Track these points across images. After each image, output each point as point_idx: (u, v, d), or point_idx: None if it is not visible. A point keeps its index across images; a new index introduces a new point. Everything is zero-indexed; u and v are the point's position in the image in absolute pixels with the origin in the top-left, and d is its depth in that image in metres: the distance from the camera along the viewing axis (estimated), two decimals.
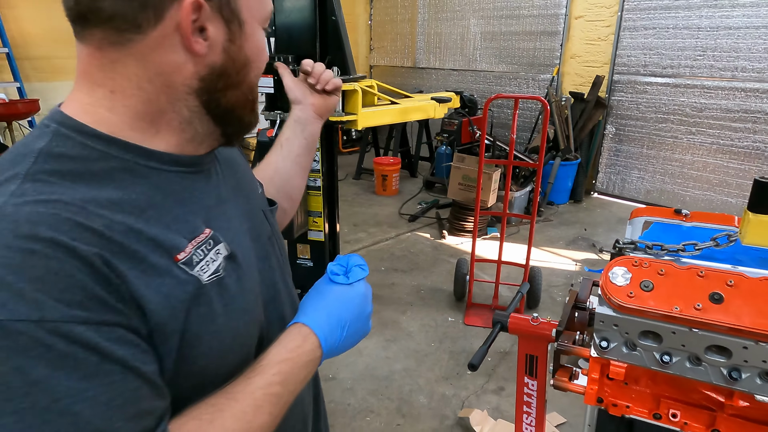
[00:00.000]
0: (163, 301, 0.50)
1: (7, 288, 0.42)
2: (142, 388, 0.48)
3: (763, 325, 0.81)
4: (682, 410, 1.00)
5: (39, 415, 0.42)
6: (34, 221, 0.45)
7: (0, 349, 0.41)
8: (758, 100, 4.39)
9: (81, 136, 0.53)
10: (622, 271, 0.93)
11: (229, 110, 0.60)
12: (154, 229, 0.52)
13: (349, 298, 0.69)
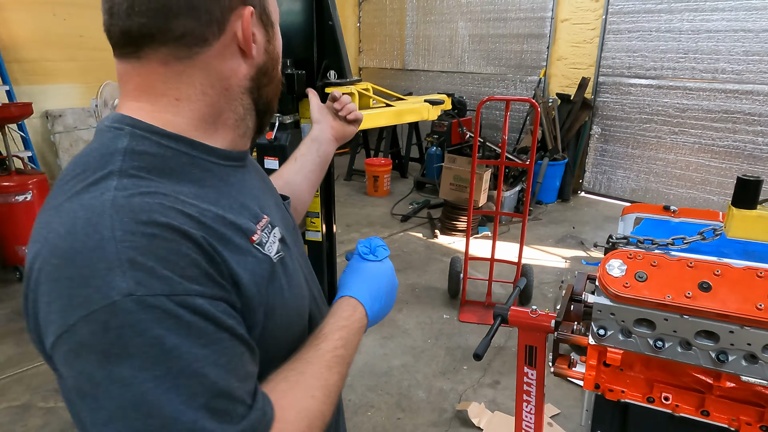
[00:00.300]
0: (250, 277, 0.57)
1: (140, 267, 0.47)
2: (245, 354, 0.54)
3: (747, 310, 0.88)
4: (673, 393, 1.07)
5: (174, 379, 0.47)
6: (147, 210, 0.50)
7: (140, 322, 0.46)
8: (738, 101, 4.53)
9: (155, 136, 0.58)
10: (618, 263, 1.00)
11: (268, 102, 0.68)
12: (230, 215, 0.58)
13: (382, 273, 0.78)
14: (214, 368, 0.49)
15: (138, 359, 0.46)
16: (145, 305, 0.46)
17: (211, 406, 0.48)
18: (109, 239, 0.47)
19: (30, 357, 2.66)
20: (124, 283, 0.46)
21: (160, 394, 0.46)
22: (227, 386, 0.50)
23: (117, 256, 0.47)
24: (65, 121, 5.24)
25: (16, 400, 2.33)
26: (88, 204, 0.50)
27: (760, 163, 4.53)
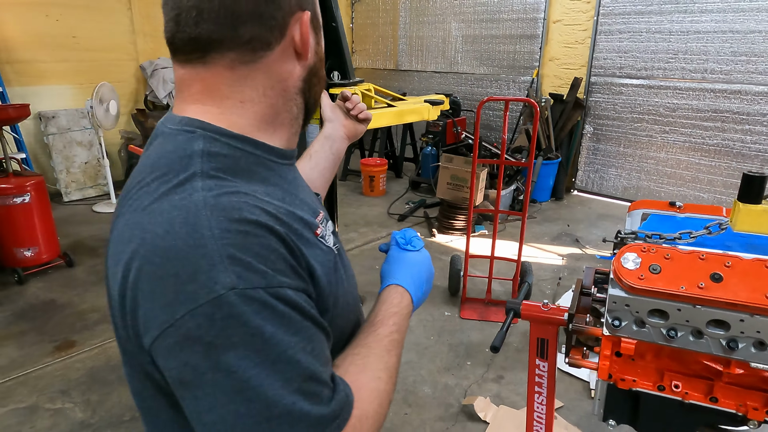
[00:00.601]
0: (321, 269, 0.60)
1: (239, 263, 0.50)
2: (325, 341, 0.58)
3: (757, 299, 0.93)
4: (683, 381, 1.11)
5: (272, 365, 0.50)
6: (237, 208, 0.53)
7: (243, 314, 0.49)
8: (726, 101, 4.63)
9: (225, 137, 0.61)
10: (633, 256, 1.05)
11: (315, 101, 0.71)
12: (298, 211, 0.62)
13: (421, 261, 0.83)
14: (304, 354, 0.53)
15: (241, 348, 0.49)
16: (247, 298, 0.49)
17: (304, 389, 0.51)
18: (209, 237, 0.50)
19: (33, 359, 2.65)
20: (227, 278, 0.49)
21: (262, 379, 0.49)
22: (315, 370, 0.53)
23: (218, 253, 0.50)
24: (58, 122, 5.20)
25: (23, 402, 2.32)
26: (180, 204, 0.53)
27: (748, 160, 4.63)
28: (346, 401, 0.56)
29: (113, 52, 5.60)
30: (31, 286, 3.46)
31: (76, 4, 5.21)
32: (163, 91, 5.59)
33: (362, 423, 0.58)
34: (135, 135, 5.64)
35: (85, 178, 5.47)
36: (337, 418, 0.54)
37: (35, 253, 3.52)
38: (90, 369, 2.56)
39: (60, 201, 5.20)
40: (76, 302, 3.26)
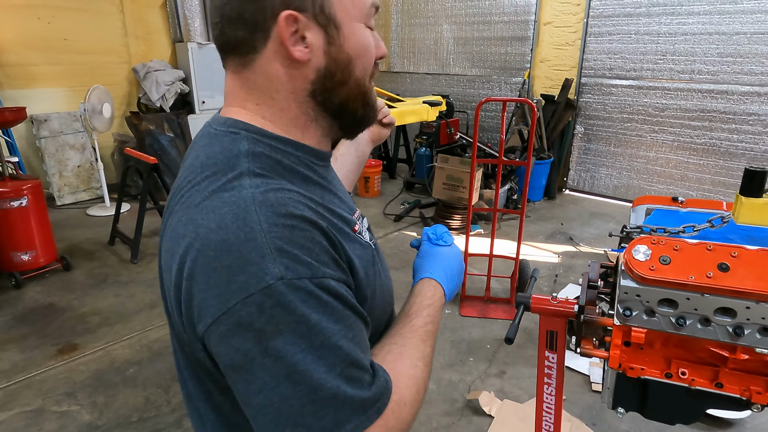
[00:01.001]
0: (359, 262, 0.64)
1: (287, 255, 0.53)
2: (363, 330, 0.60)
3: (762, 287, 0.98)
4: (689, 368, 1.16)
5: (317, 351, 0.53)
6: (283, 204, 0.56)
7: (290, 302, 0.52)
8: (713, 101, 4.74)
9: (266, 138, 0.64)
10: (644, 248, 1.09)
11: (342, 106, 0.67)
12: (337, 208, 0.65)
13: (452, 256, 0.87)
14: (346, 341, 0.56)
15: (288, 335, 0.52)
16: (294, 287, 0.53)
17: (346, 374, 0.54)
18: (258, 231, 0.53)
19: (36, 362, 2.65)
20: (276, 269, 0.52)
21: (308, 364, 0.52)
22: (357, 357, 0.56)
23: (267, 245, 0.53)
24: (51, 125, 5.16)
25: (29, 405, 2.32)
26: (230, 201, 0.56)
27: (735, 159, 4.74)
28: (385, 386, 0.58)
29: (105, 55, 5.57)
30: (29, 290, 3.44)
31: (68, 7, 5.18)
32: (156, 93, 5.57)
33: (401, 408, 0.60)
34: (128, 138, 5.61)
35: (78, 182, 5.43)
36: (378, 402, 0.56)
37: (32, 257, 3.50)
38: (95, 371, 2.57)
39: (53, 205, 5.16)
40: (76, 305, 3.24)
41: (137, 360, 2.67)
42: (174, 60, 6.11)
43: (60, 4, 5.13)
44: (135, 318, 3.10)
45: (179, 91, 5.75)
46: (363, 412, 0.55)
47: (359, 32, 0.64)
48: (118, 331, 2.96)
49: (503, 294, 3.34)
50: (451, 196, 4.38)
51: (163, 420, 2.24)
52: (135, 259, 3.82)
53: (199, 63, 5.86)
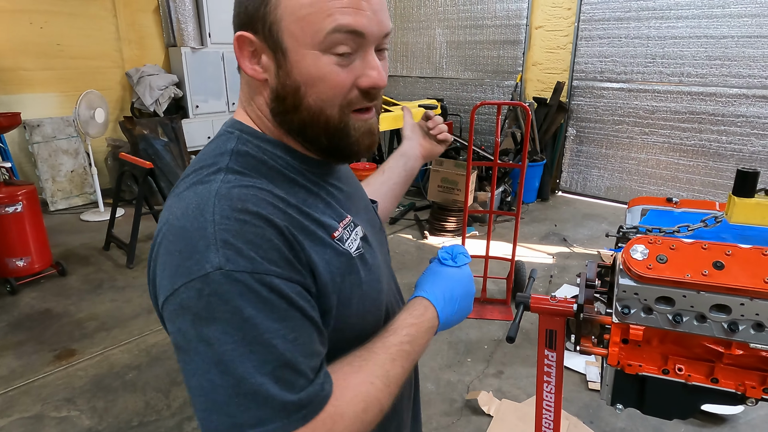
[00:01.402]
0: (326, 267, 0.63)
1: (231, 247, 0.55)
2: (314, 334, 0.60)
3: (756, 284, 1.01)
4: (686, 365, 1.19)
5: (248, 345, 0.54)
6: (243, 199, 0.59)
7: (226, 292, 0.54)
8: (703, 103, 4.82)
9: (256, 139, 0.68)
10: (641, 247, 1.12)
11: (300, 131, 0.67)
12: (315, 212, 0.66)
13: (459, 278, 0.81)
14: (283, 341, 0.56)
15: (222, 324, 0.54)
16: (231, 279, 0.54)
17: (277, 374, 0.54)
18: (210, 222, 0.56)
19: (34, 368, 2.64)
20: (217, 258, 0.54)
21: (236, 356, 0.53)
22: (292, 359, 0.56)
23: (214, 236, 0.56)
24: (43, 130, 5.14)
25: (27, 412, 2.31)
26: (199, 192, 0.60)
27: (724, 160, 4.82)
28: (318, 393, 0.57)
29: (98, 60, 5.56)
30: (24, 296, 3.43)
31: (60, 12, 5.17)
32: (149, 98, 5.56)
33: (335, 421, 0.58)
34: (122, 142, 5.60)
35: (71, 187, 5.41)
36: (304, 408, 0.55)
37: (27, 263, 3.48)
38: (93, 377, 2.56)
39: (46, 210, 5.13)
40: (73, 311, 3.23)
41: (136, 364, 2.67)
42: (167, 64, 6.10)
43: (52, 9, 5.11)
44: (132, 323, 3.10)
45: (173, 96, 5.74)
46: (285, 415, 0.54)
47: (309, 60, 0.62)
48: (115, 336, 2.96)
49: (499, 295, 3.37)
50: (446, 199, 4.42)
51: (164, 424, 2.24)
52: (131, 264, 3.82)
53: (192, 67, 5.86)
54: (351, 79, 0.63)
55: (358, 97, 0.65)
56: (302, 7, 0.60)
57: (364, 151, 0.69)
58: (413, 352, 0.70)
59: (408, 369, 0.69)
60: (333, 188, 0.73)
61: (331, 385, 0.59)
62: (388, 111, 2.75)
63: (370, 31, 0.62)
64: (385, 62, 0.68)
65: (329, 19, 0.60)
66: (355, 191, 0.82)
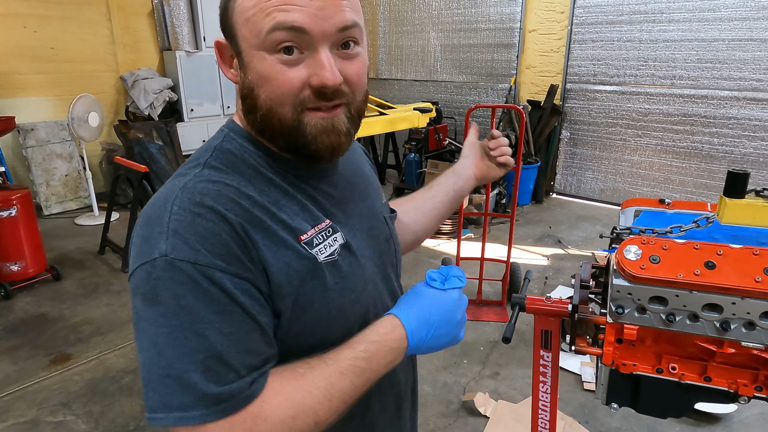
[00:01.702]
0: (283, 268, 0.63)
1: (180, 237, 0.58)
2: (255, 332, 0.60)
3: (747, 283, 1.03)
4: (679, 363, 1.21)
5: (182, 332, 0.56)
6: (203, 194, 0.61)
7: (168, 278, 0.57)
8: (695, 105, 4.87)
9: (240, 138, 0.70)
10: (635, 248, 1.14)
11: (261, 131, 0.68)
12: (284, 214, 0.66)
13: (441, 303, 0.74)
14: (217, 334, 0.57)
15: (162, 307, 0.57)
16: (174, 266, 0.57)
17: (207, 364, 0.56)
18: (168, 212, 0.60)
19: (29, 373, 2.62)
20: (164, 245, 0.57)
21: (170, 340, 0.56)
22: (224, 352, 0.57)
23: (167, 225, 0.59)
24: (37, 134, 5.12)
25: (23, 417, 2.30)
26: (173, 184, 0.64)
27: (716, 162, 4.87)
28: (243, 390, 0.57)
29: (93, 64, 5.55)
30: (18, 301, 3.41)
31: (54, 16, 5.16)
32: (144, 101, 5.55)
33: (257, 422, 0.57)
34: (116, 146, 5.59)
35: (65, 191, 5.39)
36: (224, 402, 0.56)
37: (22, 268, 3.47)
38: (89, 381, 2.55)
39: (40, 215, 5.10)
40: (68, 315, 3.22)
41: (132, 369, 2.66)
42: (162, 68, 6.10)
43: (46, 13, 5.10)
44: (128, 327, 3.09)
45: (168, 99, 5.74)
46: (205, 405, 0.55)
47: (257, 61, 0.63)
48: (111, 340, 2.95)
49: (495, 297, 3.38)
50: None
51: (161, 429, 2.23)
52: (126, 268, 3.79)
53: (187, 71, 5.86)
54: (301, 77, 0.63)
55: (310, 97, 0.63)
56: (248, 9, 0.62)
57: (325, 151, 0.67)
58: (368, 369, 0.66)
59: (360, 386, 0.65)
60: (317, 191, 0.72)
61: (262, 386, 0.59)
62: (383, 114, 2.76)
63: (313, 27, 0.60)
64: (357, 59, 0.66)
65: (268, 18, 0.60)
66: (353, 197, 0.80)
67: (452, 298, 0.76)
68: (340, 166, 0.79)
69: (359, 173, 0.86)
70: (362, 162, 0.91)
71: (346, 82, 0.65)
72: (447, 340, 0.75)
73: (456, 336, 0.77)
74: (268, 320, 0.62)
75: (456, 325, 0.76)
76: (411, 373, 0.94)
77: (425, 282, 0.78)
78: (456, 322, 0.76)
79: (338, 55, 0.64)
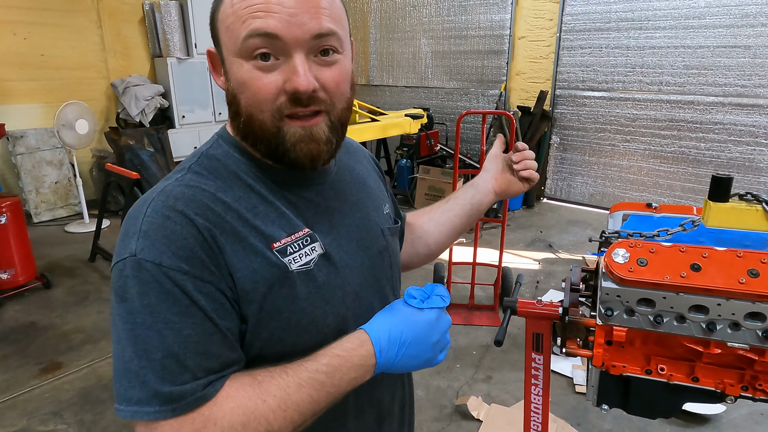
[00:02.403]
0: (249, 274, 0.64)
1: (148, 238, 0.60)
2: (215, 335, 0.61)
3: (731, 285, 1.06)
4: (668, 364, 1.23)
5: (143, 330, 0.59)
6: (177, 198, 0.63)
7: (134, 277, 0.59)
8: (681, 111, 4.95)
9: (227, 144, 0.72)
10: (623, 251, 1.16)
11: (245, 137, 0.69)
12: (258, 221, 0.67)
13: (415, 321, 0.70)
14: (176, 334, 0.59)
15: (128, 304, 0.59)
16: (140, 266, 0.59)
17: (163, 363, 0.58)
18: (142, 214, 0.63)
19: (19, 382, 2.60)
20: (134, 246, 0.60)
21: (131, 337, 0.59)
22: (181, 353, 0.59)
23: (140, 227, 0.61)
24: (27, 141, 5.09)
25: (13, 426, 2.28)
26: (156, 188, 0.66)
27: (703, 166, 4.94)
28: (195, 393, 0.58)
29: (83, 71, 5.53)
30: (8, 309, 3.38)
31: (45, 23, 5.14)
32: (135, 108, 5.54)
33: (206, 425, 0.58)
34: (107, 153, 5.56)
35: (55, 198, 5.35)
36: (175, 402, 0.57)
37: (11, 276, 3.44)
38: (80, 389, 2.53)
39: (30, 222, 5.06)
40: (58, 324, 3.20)
41: None
42: (153, 75, 6.09)
43: (36, 20, 5.09)
44: None
45: (159, 106, 5.73)
46: (158, 403, 0.57)
47: (236, 67, 0.64)
48: (103, 348, 2.93)
49: (487, 301, 3.41)
50: None
51: None
52: None
53: (178, 78, 5.85)
54: (277, 83, 0.63)
55: (286, 103, 0.64)
56: (227, 17, 0.64)
57: (304, 158, 0.67)
58: (329, 384, 0.64)
59: (319, 400, 0.64)
60: (299, 199, 0.72)
61: (216, 390, 0.60)
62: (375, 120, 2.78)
63: (286, 33, 0.61)
64: (335, 66, 0.66)
65: (243, 26, 0.61)
66: (343, 207, 0.78)
67: (428, 318, 0.71)
68: (334, 174, 0.79)
69: (359, 183, 0.84)
70: (367, 172, 0.90)
71: (323, 88, 0.65)
72: (419, 361, 0.71)
73: (430, 359, 0.72)
74: (231, 324, 0.63)
75: (430, 347, 0.71)
76: (400, 390, 0.93)
77: (403, 299, 0.74)
78: (430, 344, 0.71)
79: (315, 62, 0.64)
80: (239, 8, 0.62)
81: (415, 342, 0.69)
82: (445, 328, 0.74)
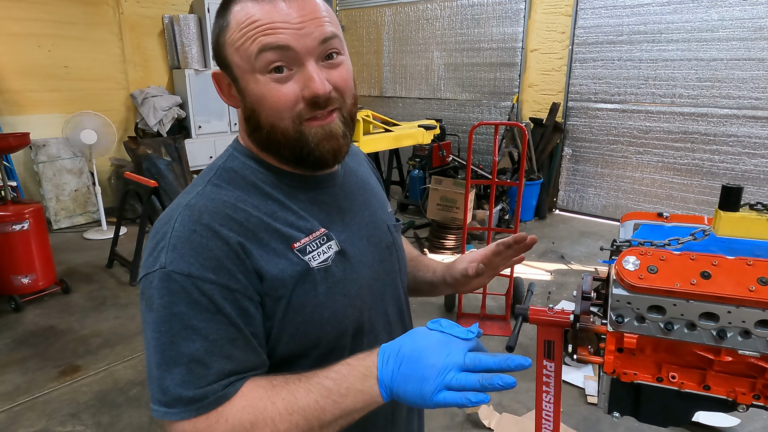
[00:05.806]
0: (277, 273, 0.69)
1: (177, 251, 0.65)
2: (239, 340, 0.66)
3: (741, 293, 1.07)
4: (679, 372, 1.24)
5: (170, 336, 0.63)
6: (202, 211, 0.68)
7: (163, 288, 0.63)
8: (695, 123, 4.94)
9: (243, 156, 0.76)
10: (633, 259, 1.18)
11: (266, 147, 0.74)
12: (279, 224, 0.72)
13: (417, 338, 0.66)
14: (202, 339, 0.63)
15: (157, 314, 0.64)
16: (170, 277, 0.64)
17: (189, 368, 0.63)
18: (170, 227, 0.67)
19: (39, 384, 2.66)
20: (164, 258, 0.65)
21: (158, 345, 0.64)
22: (206, 357, 0.63)
23: (169, 240, 0.66)
24: (49, 150, 5.22)
25: (32, 427, 2.33)
26: (179, 201, 0.71)
27: (717, 178, 4.91)
28: (215, 392, 0.63)
29: (104, 82, 5.68)
30: (28, 313, 3.46)
31: (68, 35, 5.30)
32: (153, 118, 5.66)
33: (219, 421, 0.63)
34: (125, 162, 5.68)
35: (74, 206, 5.47)
36: (197, 402, 0.63)
37: (32, 280, 3.52)
38: (98, 392, 2.58)
39: (50, 228, 5.17)
40: (76, 328, 3.26)
41: (140, 380, 2.69)
42: (171, 86, 6.22)
43: (61, 33, 5.24)
44: (136, 339, 3.12)
45: (176, 117, 5.85)
46: (181, 405, 0.63)
47: (252, 84, 0.69)
48: (119, 352, 2.98)
49: (498, 311, 3.41)
50: (445, 217, 4.48)
51: None
52: (134, 282, 3.85)
53: (195, 89, 5.98)
54: (295, 92, 0.68)
55: (306, 108, 0.69)
56: (236, 39, 0.68)
57: (327, 155, 0.72)
58: (336, 392, 0.64)
59: (325, 407, 0.63)
60: (314, 202, 0.77)
61: (236, 390, 0.65)
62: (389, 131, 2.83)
63: (296, 44, 0.66)
64: (341, 67, 0.71)
65: (254, 44, 0.66)
66: (353, 206, 0.84)
67: (433, 339, 0.65)
68: (342, 177, 0.85)
69: (363, 184, 0.91)
70: (368, 174, 0.97)
71: (335, 89, 0.70)
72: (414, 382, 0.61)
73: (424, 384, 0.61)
74: (256, 330, 0.68)
75: (425, 367, 0.62)
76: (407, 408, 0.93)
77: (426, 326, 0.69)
78: (428, 364, 0.62)
79: (324, 66, 0.70)
80: (248, 29, 0.66)
81: (410, 359, 0.63)
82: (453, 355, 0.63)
